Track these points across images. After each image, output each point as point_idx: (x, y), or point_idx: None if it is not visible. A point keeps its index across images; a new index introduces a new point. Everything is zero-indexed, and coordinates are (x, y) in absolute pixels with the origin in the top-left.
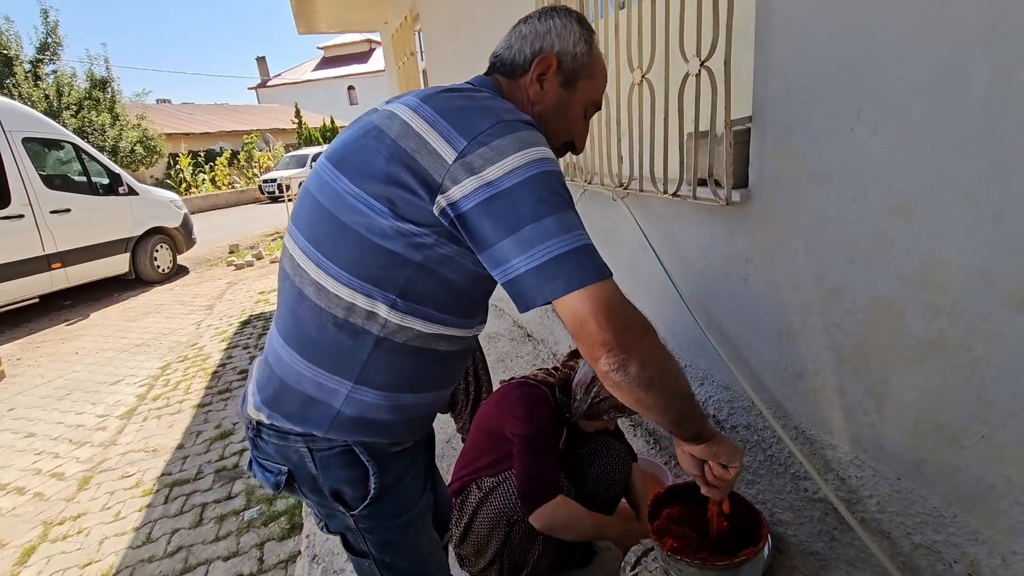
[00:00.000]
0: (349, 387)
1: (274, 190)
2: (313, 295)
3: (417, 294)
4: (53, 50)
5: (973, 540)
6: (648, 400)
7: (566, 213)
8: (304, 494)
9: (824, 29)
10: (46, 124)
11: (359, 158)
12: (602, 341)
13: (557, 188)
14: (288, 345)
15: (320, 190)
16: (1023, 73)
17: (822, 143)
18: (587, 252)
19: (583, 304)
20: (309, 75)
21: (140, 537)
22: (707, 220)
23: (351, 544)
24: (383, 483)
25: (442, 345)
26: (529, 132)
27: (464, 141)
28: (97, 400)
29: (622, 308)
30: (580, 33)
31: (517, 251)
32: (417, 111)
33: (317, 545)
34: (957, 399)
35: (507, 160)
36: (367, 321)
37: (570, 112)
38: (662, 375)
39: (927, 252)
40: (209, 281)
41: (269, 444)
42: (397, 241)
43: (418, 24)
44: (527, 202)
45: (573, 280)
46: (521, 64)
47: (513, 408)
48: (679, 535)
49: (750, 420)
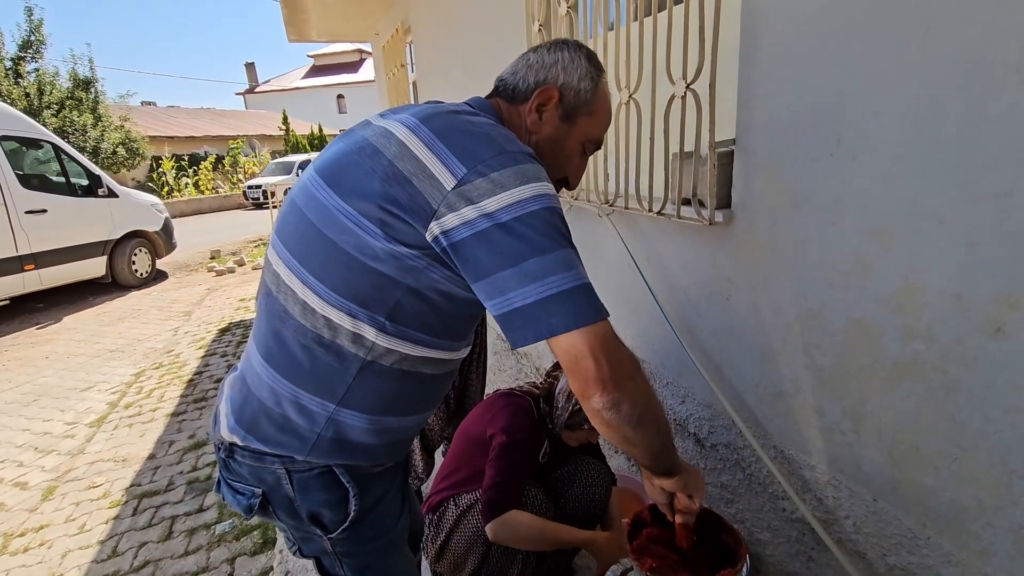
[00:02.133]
0: (332, 409)
1: (259, 196)
2: (298, 314)
3: (406, 317)
4: (36, 48)
5: (946, 562)
6: (635, 438)
7: (567, 250)
8: (279, 517)
9: (807, 59)
10: (25, 122)
11: (351, 175)
12: (597, 379)
13: (558, 224)
14: (268, 364)
15: (308, 204)
16: (995, 107)
17: (803, 168)
18: (587, 292)
19: (580, 342)
20: (298, 83)
21: (105, 551)
22: (691, 239)
23: (326, 568)
24: (363, 505)
25: (428, 368)
26: (531, 165)
27: (464, 169)
28: (66, 407)
29: (616, 348)
30: (587, 70)
31: (517, 285)
32: (415, 132)
33: (290, 561)
34: (932, 421)
35: (509, 193)
36: (354, 343)
37: (566, 146)
38: (651, 413)
39: (903, 276)
40: (188, 287)
41: (243, 466)
42: (388, 263)
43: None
44: (528, 236)
45: (571, 318)
46: (523, 91)
47: (495, 417)
48: (659, 555)
49: (730, 439)
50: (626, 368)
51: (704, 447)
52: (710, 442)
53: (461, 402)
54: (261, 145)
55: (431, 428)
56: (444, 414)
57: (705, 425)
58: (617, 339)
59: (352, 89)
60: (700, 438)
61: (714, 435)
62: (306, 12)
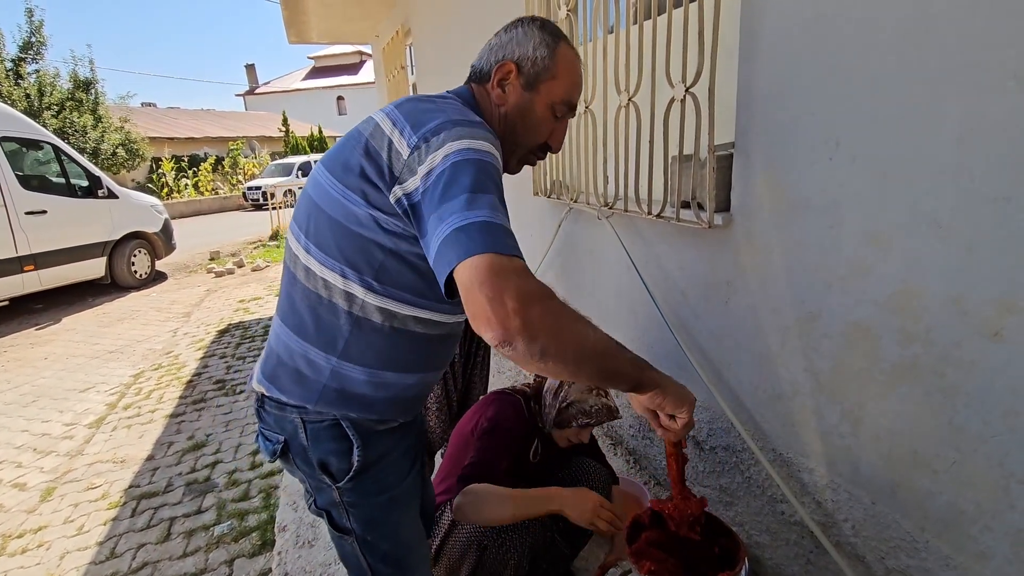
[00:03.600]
0: (334, 362)
1: (258, 198)
2: (303, 278)
3: (391, 278)
4: (36, 49)
5: (944, 565)
6: (549, 370)
7: (479, 194)
8: (297, 465)
9: (806, 63)
10: (25, 123)
11: (341, 157)
12: (481, 315)
13: (478, 173)
14: (284, 324)
15: (313, 188)
16: (993, 112)
17: (802, 172)
18: (485, 228)
19: (468, 273)
20: (298, 84)
21: (104, 552)
22: (690, 242)
23: (335, 520)
24: (367, 458)
25: (419, 327)
26: (471, 128)
27: (416, 138)
28: (65, 408)
29: (505, 278)
30: (541, 38)
31: (433, 229)
32: (388, 114)
33: (289, 562)
34: (930, 424)
35: (443, 148)
36: (346, 301)
37: (535, 112)
38: (558, 347)
39: (902, 280)
40: (188, 288)
41: (270, 415)
42: (371, 228)
43: (409, 38)
44: (450, 183)
45: (461, 251)
46: (487, 71)
47: (486, 410)
48: (658, 559)
49: (729, 441)
50: (513, 302)
51: (703, 450)
52: (708, 445)
53: (464, 404)
54: (261, 147)
55: (432, 430)
56: (447, 416)
57: (704, 428)
58: (512, 271)
59: (352, 91)
60: (699, 441)
61: (712, 438)
62: (307, 14)
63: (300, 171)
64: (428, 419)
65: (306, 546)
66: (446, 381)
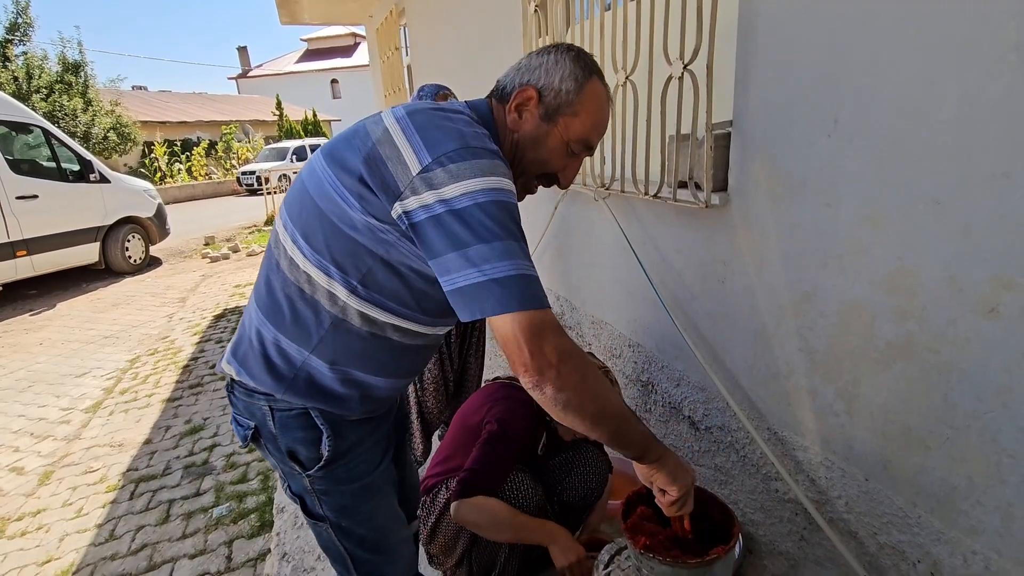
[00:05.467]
0: (305, 356)
1: (253, 183)
2: (286, 268)
3: (378, 285)
4: (24, 31)
5: (936, 540)
6: (567, 420)
7: (510, 242)
8: (268, 451)
9: (805, 40)
10: (14, 107)
11: (344, 153)
12: (520, 361)
13: (506, 218)
14: (259, 309)
15: (309, 177)
16: (993, 88)
17: (799, 151)
18: (521, 281)
19: (508, 327)
20: (292, 67)
21: (103, 534)
22: (687, 222)
23: (308, 507)
24: (337, 448)
25: (396, 336)
26: (490, 161)
27: (429, 158)
28: (61, 393)
29: (543, 335)
30: (571, 71)
31: (460, 266)
32: (399, 122)
33: (288, 543)
34: (924, 402)
35: (465, 183)
36: (328, 300)
37: (548, 144)
38: (579, 401)
39: (898, 259)
40: (183, 273)
41: (240, 401)
42: (364, 234)
43: (403, 19)
44: (476, 223)
45: (501, 303)
46: (509, 92)
47: (492, 408)
48: (652, 532)
49: (724, 421)
50: (548, 357)
51: (698, 430)
52: (704, 424)
53: (460, 385)
54: (254, 131)
55: (430, 410)
56: (443, 396)
57: (700, 408)
58: (548, 328)
59: (346, 74)
60: (694, 420)
61: (708, 418)
62: None
63: (295, 155)
64: (426, 399)
65: (304, 527)
66: (443, 362)
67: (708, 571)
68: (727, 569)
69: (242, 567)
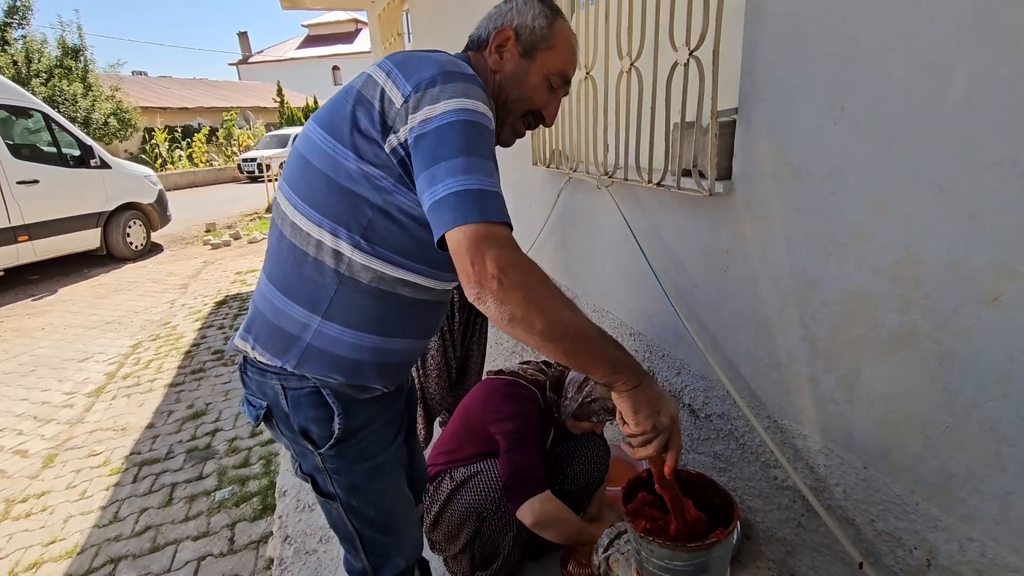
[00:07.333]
0: (318, 321)
1: (253, 170)
2: (290, 234)
3: (380, 237)
4: (22, 14)
5: (933, 527)
6: (518, 335)
7: (473, 159)
8: (280, 430)
9: (812, 24)
10: (14, 91)
11: (333, 111)
12: (463, 272)
13: (475, 136)
14: (270, 282)
15: (303, 143)
16: (1002, 73)
17: (805, 138)
18: (482, 196)
19: (458, 236)
20: (293, 53)
21: (107, 516)
22: (690, 211)
23: (320, 486)
24: (347, 427)
25: (407, 291)
26: (466, 84)
27: (410, 88)
28: (64, 377)
29: (486, 245)
30: (540, 9)
31: (429, 184)
32: (380, 66)
33: (290, 526)
34: (925, 390)
35: (441, 103)
36: (333, 259)
37: (529, 80)
38: (524, 315)
39: (903, 246)
40: (184, 260)
41: (252, 380)
42: (361, 183)
43: (406, 4)
44: (446, 142)
45: (459, 215)
46: (485, 39)
47: (499, 407)
48: (652, 517)
49: (724, 409)
50: (489, 268)
51: (699, 418)
52: (704, 413)
53: (462, 371)
54: (255, 117)
55: (432, 395)
56: (446, 382)
57: (700, 396)
58: (493, 239)
59: (348, 60)
60: (695, 409)
61: (708, 406)
62: None
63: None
64: (428, 385)
65: (306, 510)
66: (445, 348)
67: (707, 555)
68: (726, 553)
69: (244, 549)
